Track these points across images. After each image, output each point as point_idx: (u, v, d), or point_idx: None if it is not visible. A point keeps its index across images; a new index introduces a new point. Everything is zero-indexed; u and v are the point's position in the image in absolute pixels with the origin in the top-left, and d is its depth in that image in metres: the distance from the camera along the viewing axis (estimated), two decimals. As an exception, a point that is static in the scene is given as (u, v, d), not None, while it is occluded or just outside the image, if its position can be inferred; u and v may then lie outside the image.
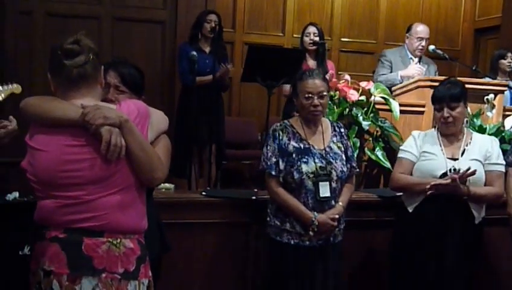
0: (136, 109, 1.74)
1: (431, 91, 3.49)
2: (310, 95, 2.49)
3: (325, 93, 2.52)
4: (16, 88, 2.78)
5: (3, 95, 2.73)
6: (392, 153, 3.32)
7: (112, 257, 1.67)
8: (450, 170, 2.61)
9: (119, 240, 1.68)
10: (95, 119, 1.61)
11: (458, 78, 3.01)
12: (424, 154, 2.71)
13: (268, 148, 2.55)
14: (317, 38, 4.38)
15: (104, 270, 1.66)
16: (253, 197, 2.91)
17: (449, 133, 2.70)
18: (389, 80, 4.20)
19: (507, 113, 3.65)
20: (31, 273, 1.73)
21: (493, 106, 3.38)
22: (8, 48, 4.44)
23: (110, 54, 4.40)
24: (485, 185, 2.66)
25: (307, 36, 4.42)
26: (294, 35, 5.99)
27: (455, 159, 2.66)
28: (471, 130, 2.89)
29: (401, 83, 4.15)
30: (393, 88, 4.02)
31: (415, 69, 4.22)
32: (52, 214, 1.66)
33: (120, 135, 1.64)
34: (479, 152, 2.67)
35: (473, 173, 2.54)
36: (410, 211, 2.69)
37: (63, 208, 1.66)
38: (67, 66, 1.66)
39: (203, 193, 3.01)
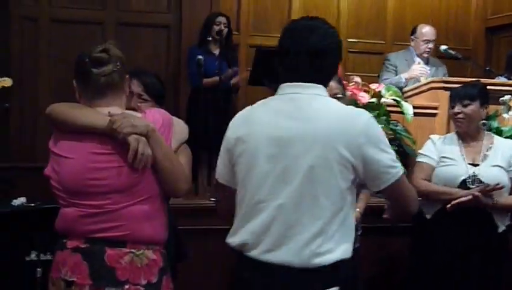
0: (161, 118, 1.77)
1: (444, 93, 3.55)
2: None
3: (339, 95, 2.51)
4: (6, 81, 3.10)
5: None
6: (406, 157, 3.29)
7: (134, 268, 1.68)
8: (470, 176, 2.60)
9: (141, 251, 1.69)
10: (123, 128, 1.63)
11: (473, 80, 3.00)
12: (443, 159, 2.70)
13: None
14: (325, 40, 4.35)
15: (127, 281, 1.67)
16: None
17: (460, 131, 2.70)
18: (392, 84, 4.17)
19: (525, 114, 3.61)
20: (51, 283, 1.74)
21: (510, 108, 3.35)
22: (14, 53, 4.47)
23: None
24: (511, 192, 2.64)
25: (314, 38, 4.39)
26: (301, 37, 5.98)
27: (476, 165, 2.64)
28: (493, 134, 2.85)
29: (405, 85, 4.12)
30: (404, 90, 3.99)
31: (418, 70, 4.19)
32: (74, 223, 1.68)
33: (147, 144, 1.66)
34: (501, 158, 2.65)
35: (500, 188, 2.52)
36: (428, 217, 2.67)
37: (86, 217, 1.67)
38: (95, 74, 1.69)
39: (212, 199, 3.01)
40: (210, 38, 4.35)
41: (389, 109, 3.45)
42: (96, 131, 1.66)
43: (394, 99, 3.49)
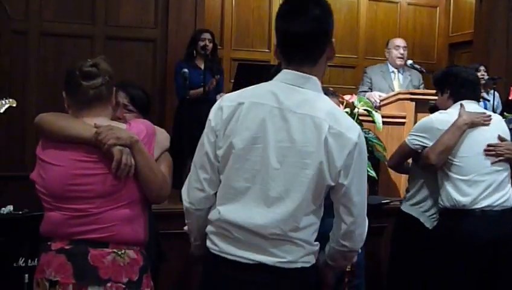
0: (145, 128, 1.79)
1: (410, 103, 3.60)
2: None
3: None
4: (12, 102, 3.27)
5: (3, 109, 3.20)
6: (377, 162, 3.28)
7: (116, 267, 1.67)
8: None
9: (123, 251, 1.69)
10: (108, 139, 1.65)
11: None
12: None
13: None
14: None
15: (109, 280, 1.66)
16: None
17: None
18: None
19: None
20: (35, 284, 1.72)
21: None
22: (3, 66, 4.34)
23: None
24: None
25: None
26: (280, 51, 5.97)
27: None
28: None
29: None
30: None
31: (375, 96, 4.17)
32: (59, 225, 1.68)
33: (130, 154, 1.68)
34: None
35: None
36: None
37: (70, 219, 1.67)
38: (85, 87, 1.71)
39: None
40: (195, 53, 4.31)
41: (361, 118, 3.47)
42: (82, 141, 1.66)
43: (365, 110, 3.51)
